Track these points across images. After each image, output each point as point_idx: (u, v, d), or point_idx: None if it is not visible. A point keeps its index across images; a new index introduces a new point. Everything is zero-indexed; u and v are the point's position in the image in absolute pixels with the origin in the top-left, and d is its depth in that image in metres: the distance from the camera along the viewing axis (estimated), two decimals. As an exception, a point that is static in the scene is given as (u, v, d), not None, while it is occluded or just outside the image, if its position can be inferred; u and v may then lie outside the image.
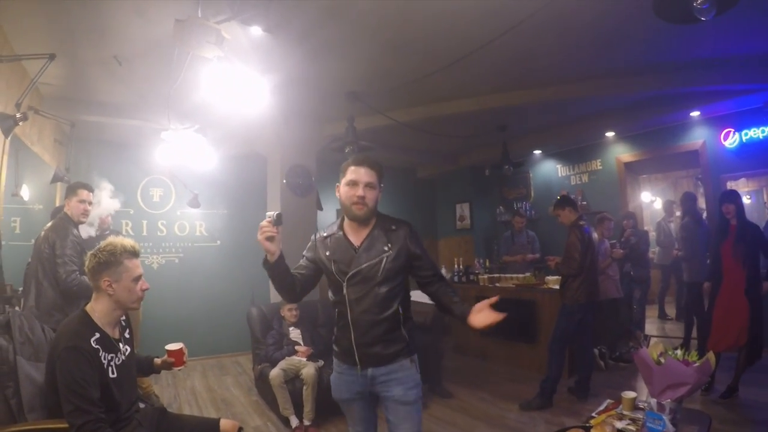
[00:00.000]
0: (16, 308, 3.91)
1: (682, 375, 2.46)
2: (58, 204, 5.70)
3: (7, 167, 4.24)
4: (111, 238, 2.37)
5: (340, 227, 2.42)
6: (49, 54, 3.98)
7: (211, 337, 7.48)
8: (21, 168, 4.79)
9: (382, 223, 2.37)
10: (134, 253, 2.39)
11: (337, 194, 2.38)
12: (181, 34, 3.10)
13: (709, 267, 5.21)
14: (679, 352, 2.64)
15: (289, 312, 5.20)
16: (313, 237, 2.49)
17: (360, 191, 2.27)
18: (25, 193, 5.13)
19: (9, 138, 3.97)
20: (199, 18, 3.07)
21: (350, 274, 2.27)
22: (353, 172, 2.31)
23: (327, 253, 2.37)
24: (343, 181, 2.33)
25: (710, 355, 2.56)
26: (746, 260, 4.64)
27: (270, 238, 2.15)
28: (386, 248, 2.29)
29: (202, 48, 3.17)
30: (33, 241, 4.63)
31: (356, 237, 2.36)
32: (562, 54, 4.97)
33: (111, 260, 2.30)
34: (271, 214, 2.16)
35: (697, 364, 2.50)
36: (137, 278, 2.37)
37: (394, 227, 2.36)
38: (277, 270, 2.25)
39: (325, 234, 2.45)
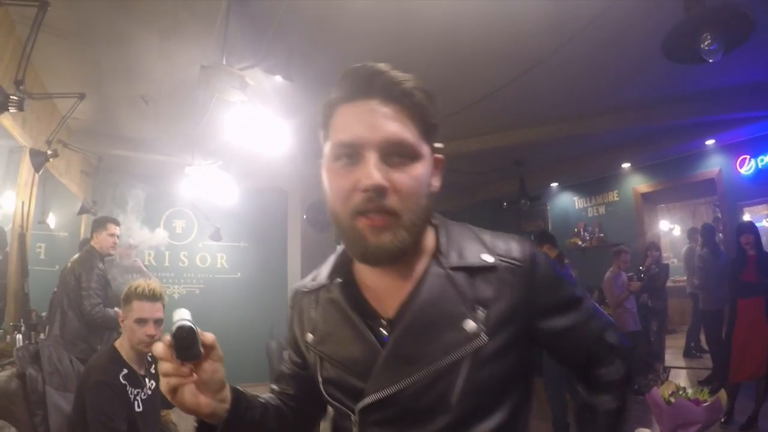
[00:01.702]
0: (41, 335, 4.07)
1: (692, 414, 2.50)
2: (83, 232, 5.88)
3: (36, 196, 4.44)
4: (140, 280, 2.49)
5: (343, 267, 1.04)
6: (79, 93, 4.16)
7: (231, 367, 7.21)
8: (48, 197, 4.98)
9: (451, 250, 0.96)
10: (146, 296, 2.41)
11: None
12: (206, 80, 3.25)
13: (728, 296, 5.22)
14: (690, 390, 2.67)
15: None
16: (290, 297, 1.16)
17: (371, 173, 0.84)
18: (52, 221, 5.31)
19: (40, 172, 4.16)
20: (224, 65, 3.22)
21: (368, 401, 0.89)
22: (350, 118, 0.90)
23: (309, 337, 1.03)
24: (327, 148, 0.94)
25: (721, 393, 2.60)
26: (764, 288, 4.66)
27: (174, 390, 0.83)
28: (470, 321, 0.88)
29: (227, 92, 3.32)
30: (57, 267, 4.80)
31: (383, 293, 0.96)
32: (579, 91, 5.10)
33: (125, 297, 2.43)
34: (180, 321, 0.83)
35: (707, 403, 2.54)
36: (140, 321, 2.38)
37: (487, 258, 0.94)
38: None
39: (311, 284, 1.09)
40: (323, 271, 1.08)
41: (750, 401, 4.67)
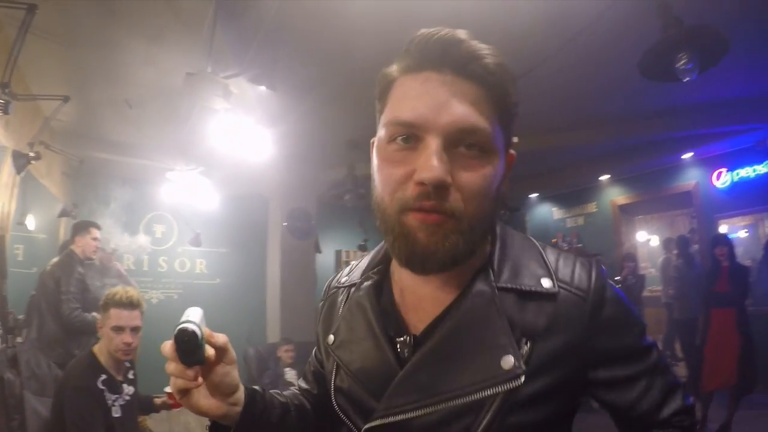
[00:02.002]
0: (18, 339, 4.03)
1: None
2: (61, 234, 5.83)
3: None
4: (119, 287, 2.49)
5: (383, 266, 0.94)
6: (63, 96, 4.13)
7: None
8: (28, 198, 4.93)
9: (505, 266, 0.82)
10: (123, 304, 2.41)
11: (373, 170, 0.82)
12: (190, 87, 3.26)
13: (702, 305, 5.35)
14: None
15: (285, 353, 5.26)
16: (325, 289, 1.08)
17: (432, 164, 0.69)
18: (31, 222, 5.25)
19: (22, 174, 4.13)
20: (209, 73, 3.24)
21: (375, 424, 0.77)
22: (413, 93, 0.74)
23: (330, 339, 0.92)
24: (381, 125, 0.80)
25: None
26: (736, 299, 4.80)
27: (184, 392, 0.78)
28: (509, 356, 0.72)
29: (210, 100, 3.34)
30: (35, 269, 4.75)
31: (419, 303, 0.85)
32: (558, 105, 5.18)
33: (103, 304, 2.44)
34: (183, 323, 0.75)
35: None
36: (117, 328, 2.38)
37: (546, 283, 0.79)
38: None
39: (345, 279, 1.01)
40: (359, 267, 0.98)
41: (724, 409, 4.77)
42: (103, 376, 2.34)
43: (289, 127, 5.15)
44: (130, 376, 2.60)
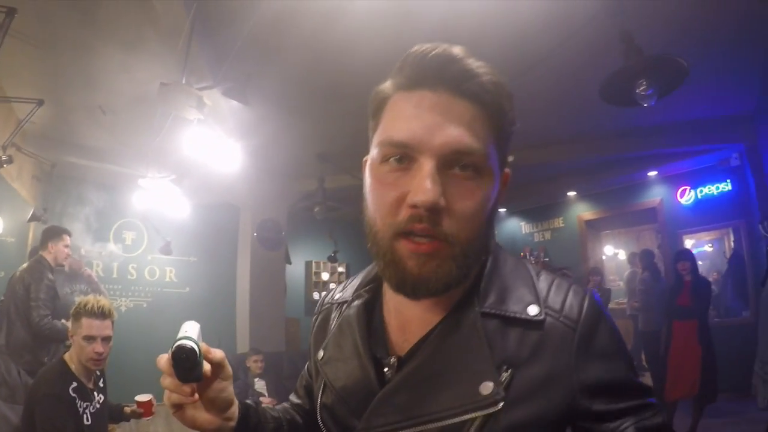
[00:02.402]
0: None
1: None
2: (30, 238, 5.76)
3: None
4: (90, 296, 2.50)
5: (375, 284, 0.92)
6: (37, 99, 4.13)
7: None
8: (-3, 201, 4.89)
9: (491, 290, 0.79)
10: (95, 314, 2.42)
11: (366, 189, 0.78)
12: (164, 96, 3.29)
13: (665, 318, 5.53)
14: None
15: (254, 363, 5.28)
16: (319, 303, 1.08)
17: (426, 187, 0.67)
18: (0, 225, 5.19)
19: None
20: (183, 84, 3.27)
21: None
22: (407, 112, 0.72)
23: (320, 354, 0.92)
24: (374, 144, 0.77)
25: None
26: (698, 312, 5.01)
27: (178, 406, 0.79)
28: (489, 382, 0.69)
29: (184, 110, 3.36)
30: (2, 273, 4.68)
31: (406, 324, 0.83)
32: (527, 124, 5.29)
33: (74, 313, 2.44)
34: (181, 339, 0.74)
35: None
36: (88, 338, 2.39)
37: (532, 311, 0.75)
38: None
39: (338, 296, 1.01)
40: (351, 285, 0.97)
41: (688, 418, 4.95)
42: (74, 384, 2.35)
43: (261, 140, 5.20)
44: (101, 384, 2.61)
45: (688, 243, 7.45)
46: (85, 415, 2.35)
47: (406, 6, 3.24)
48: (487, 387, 0.68)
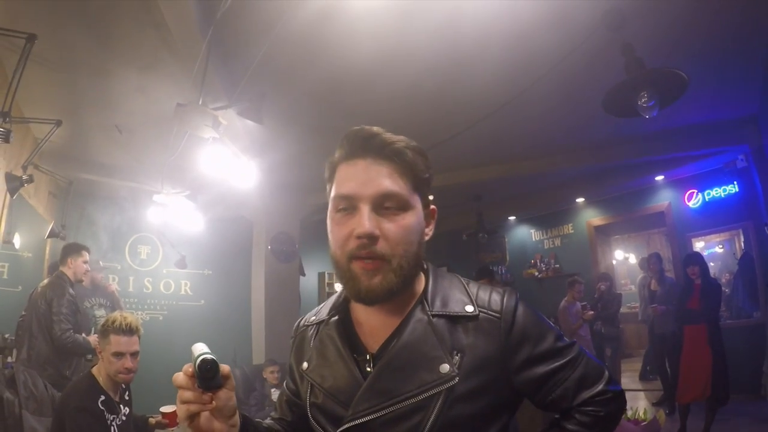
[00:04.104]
0: (9, 359, 4.07)
1: (629, 434, 2.67)
2: (47, 253, 5.86)
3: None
4: (117, 313, 2.60)
5: (341, 305, 1.14)
6: (56, 120, 4.21)
7: None
8: (14, 216, 4.99)
9: (436, 298, 1.05)
10: (123, 331, 2.50)
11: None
12: (180, 116, 3.39)
13: (676, 321, 5.58)
14: (630, 411, 2.86)
15: (271, 374, 5.35)
16: (294, 328, 1.28)
17: (363, 222, 0.96)
18: (17, 241, 5.30)
19: (15, 197, 4.20)
20: (199, 105, 3.37)
21: (345, 427, 0.98)
22: (348, 175, 1.02)
23: (305, 366, 1.12)
24: (330, 200, 1.06)
25: (659, 414, 2.80)
26: (708, 316, 5.01)
27: (192, 417, 0.89)
28: (445, 364, 0.96)
29: (200, 129, 3.46)
30: (20, 287, 4.77)
31: (373, 330, 1.07)
32: (535, 133, 5.46)
33: (102, 330, 2.53)
34: (203, 354, 0.87)
35: (644, 423, 2.74)
36: (117, 354, 2.48)
37: (468, 309, 1.03)
38: None
39: (313, 318, 1.21)
40: (324, 308, 1.20)
41: (701, 421, 4.97)
42: (103, 397, 2.44)
43: (275, 156, 5.32)
44: (126, 397, 2.70)
45: (699, 245, 7.47)
46: (112, 427, 2.44)
47: (413, 22, 3.35)
48: (444, 368, 0.95)
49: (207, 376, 0.86)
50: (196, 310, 7.85)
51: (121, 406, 2.60)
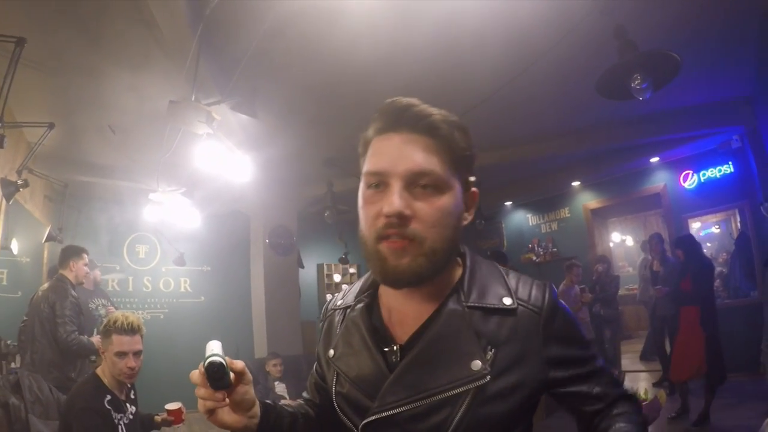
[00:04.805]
0: (12, 364, 4.08)
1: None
2: (45, 257, 5.86)
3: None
4: (119, 313, 2.60)
5: (372, 290, 1.10)
6: (48, 123, 4.18)
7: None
8: (11, 222, 4.98)
9: (473, 288, 0.99)
10: (125, 330, 2.50)
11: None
12: (174, 113, 3.39)
13: (672, 302, 5.65)
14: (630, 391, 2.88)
15: (274, 367, 5.37)
16: (322, 311, 1.25)
17: (394, 201, 0.89)
18: (15, 246, 5.29)
19: (11, 202, 4.20)
20: (192, 101, 3.36)
21: (371, 419, 0.94)
22: (380, 150, 0.96)
23: (331, 353, 1.08)
24: (363, 173, 0.99)
25: (660, 393, 2.82)
26: (700, 297, 5.06)
27: (211, 411, 0.90)
28: (477, 361, 0.90)
29: (193, 125, 3.46)
30: (20, 293, 4.77)
31: (403, 318, 1.01)
32: (530, 118, 5.45)
33: (104, 330, 2.53)
34: (210, 356, 0.88)
35: (645, 403, 2.76)
36: (120, 354, 2.48)
37: (507, 301, 0.96)
38: None
39: (340, 302, 1.17)
40: (351, 292, 1.16)
41: (702, 400, 5.00)
42: (109, 397, 2.45)
43: (270, 149, 5.31)
44: (132, 395, 2.71)
45: (695, 226, 7.50)
46: (119, 426, 2.45)
47: (407, 11, 3.35)
48: (476, 364, 0.89)
49: (214, 377, 0.87)
50: (197, 306, 7.87)
51: (128, 405, 2.61)
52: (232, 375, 0.89)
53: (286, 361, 5.46)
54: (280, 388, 5.31)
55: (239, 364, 0.91)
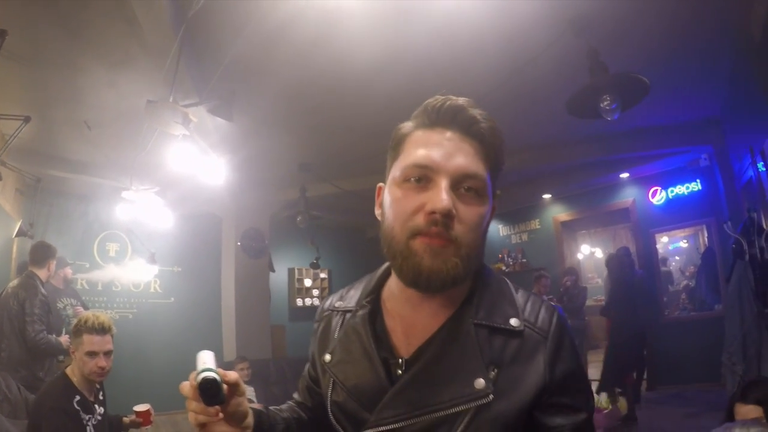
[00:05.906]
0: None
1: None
2: (14, 252, 5.75)
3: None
4: (89, 312, 2.59)
5: (375, 295, 1.06)
6: (24, 116, 4.13)
7: (165, 393, 7.29)
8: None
9: (482, 304, 0.95)
10: (96, 330, 2.50)
11: (377, 211, 1.00)
12: (151, 113, 3.39)
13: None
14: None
15: (241, 371, 5.34)
16: (318, 311, 1.21)
17: (443, 197, 0.84)
18: (-18, 241, 5.20)
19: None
20: (170, 101, 3.37)
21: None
22: (429, 142, 0.91)
23: (327, 357, 1.04)
24: (395, 169, 0.94)
25: (621, 402, 2.92)
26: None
27: (203, 425, 0.86)
28: (481, 379, 0.86)
29: (170, 126, 3.47)
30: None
31: (410, 329, 0.98)
32: (504, 131, 5.52)
33: (75, 330, 2.53)
34: (204, 371, 0.83)
35: (606, 411, 2.85)
36: (91, 353, 2.47)
37: (514, 323, 0.93)
38: None
39: (339, 303, 1.14)
40: (352, 294, 1.11)
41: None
42: (78, 397, 2.44)
43: (245, 152, 5.33)
44: (100, 396, 2.70)
45: (663, 240, 7.70)
46: (88, 427, 2.45)
47: (394, 23, 3.41)
48: (479, 383, 0.85)
49: (208, 394, 0.82)
50: (166, 307, 7.77)
51: (96, 406, 2.60)
52: (225, 387, 0.85)
53: (254, 364, 5.46)
54: (248, 391, 5.27)
55: (233, 375, 0.88)
